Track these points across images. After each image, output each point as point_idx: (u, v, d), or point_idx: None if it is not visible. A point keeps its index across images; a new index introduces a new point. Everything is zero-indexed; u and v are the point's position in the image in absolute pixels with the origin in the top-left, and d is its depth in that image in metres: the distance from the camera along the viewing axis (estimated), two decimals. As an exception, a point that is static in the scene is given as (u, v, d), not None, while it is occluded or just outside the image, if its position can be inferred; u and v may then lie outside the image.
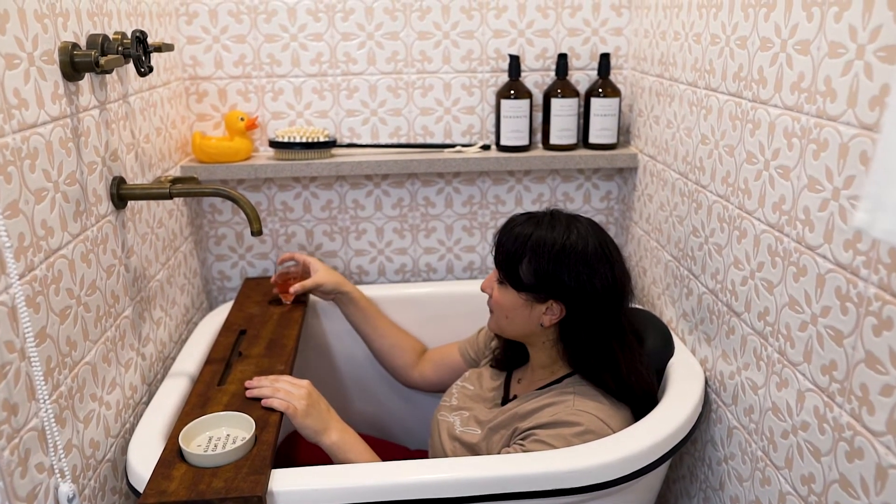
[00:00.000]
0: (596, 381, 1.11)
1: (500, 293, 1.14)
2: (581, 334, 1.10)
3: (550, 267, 1.07)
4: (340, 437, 1.11)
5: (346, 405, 1.68)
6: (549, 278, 1.08)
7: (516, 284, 1.11)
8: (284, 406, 1.08)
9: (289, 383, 1.13)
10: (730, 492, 1.13)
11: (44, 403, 0.82)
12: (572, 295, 1.08)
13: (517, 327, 1.15)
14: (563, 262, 1.07)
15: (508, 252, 1.11)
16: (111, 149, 1.10)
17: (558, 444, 1.03)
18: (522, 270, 1.09)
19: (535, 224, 1.11)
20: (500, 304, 1.14)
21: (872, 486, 0.77)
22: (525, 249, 1.09)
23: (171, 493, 0.90)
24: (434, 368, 1.46)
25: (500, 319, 1.16)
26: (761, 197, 1.01)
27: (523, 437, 1.08)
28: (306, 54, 1.56)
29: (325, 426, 1.11)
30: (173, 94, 1.47)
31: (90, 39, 1.01)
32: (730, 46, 1.10)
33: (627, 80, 1.62)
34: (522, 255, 1.09)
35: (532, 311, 1.11)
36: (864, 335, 0.78)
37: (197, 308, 1.58)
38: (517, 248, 1.10)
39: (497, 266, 1.14)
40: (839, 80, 0.82)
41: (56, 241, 0.90)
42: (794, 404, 0.93)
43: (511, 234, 1.12)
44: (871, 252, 0.77)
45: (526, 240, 1.09)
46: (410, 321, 1.63)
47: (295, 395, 1.11)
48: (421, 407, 1.61)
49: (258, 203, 1.65)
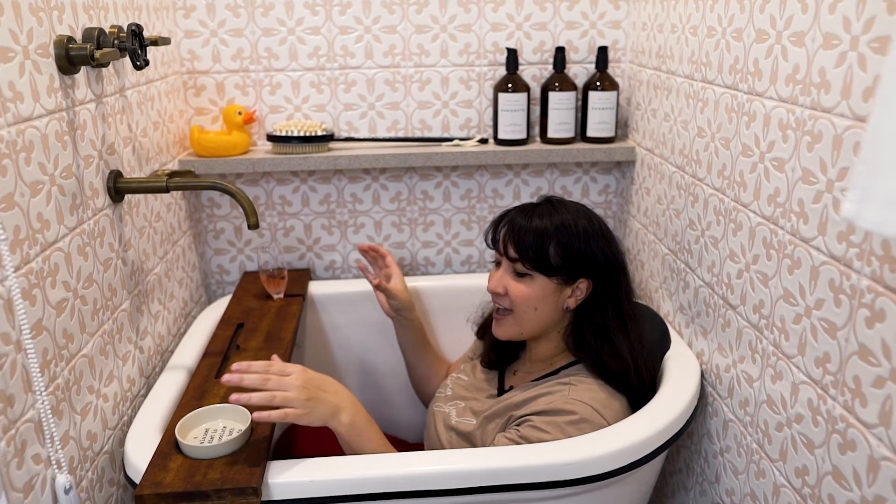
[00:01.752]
0: (599, 366, 1.12)
1: (524, 287, 1.12)
2: (596, 314, 1.13)
3: (581, 244, 1.11)
4: (351, 420, 1.02)
5: (345, 398, 1.68)
6: (580, 255, 1.11)
7: (547, 270, 1.10)
8: (282, 416, 0.95)
9: (278, 378, 0.98)
10: (725, 485, 1.14)
11: (40, 395, 0.82)
12: (600, 268, 1.12)
13: (543, 318, 1.14)
14: (590, 238, 1.12)
15: (534, 241, 1.10)
16: (108, 142, 1.11)
17: (552, 432, 1.03)
18: (551, 255, 1.10)
19: (549, 211, 1.13)
20: (527, 296, 1.12)
21: (865, 477, 0.77)
22: (550, 234, 1.10)
23: (166, 484, 0.90)
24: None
25: (525, 314, 1.13)
26: (756, 189, 1.01)
27: (518, 423, 1.08)
28: (304, 48, 1.56)
29: (334, 410, 1.01)
30: (171, 88, 1.48)
31: (86, 33, 1.02)
32: (726, 38, 1.09)
33: (625, 74, 1.61)
34: (549, 241, 1.10)
35: (560, 294, 1.13)
36: (857, 327, 0.78)
37: (195, 302, 1.59)
38: (542, 236, 1.10)
39: (521, 259, 1.11)
40: (833, 71, 0.82)
41: (52, 234, 0.91)
42: (789, 397, 0.93)
43: (528, 225, 1.11)
44: (864, 244, 0.77)
45: (548, 225, 1.11)
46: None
47: (291, 394, 0.97)
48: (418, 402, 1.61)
49: (256, 197, 1.65)
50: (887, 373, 0.73)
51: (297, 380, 0.99)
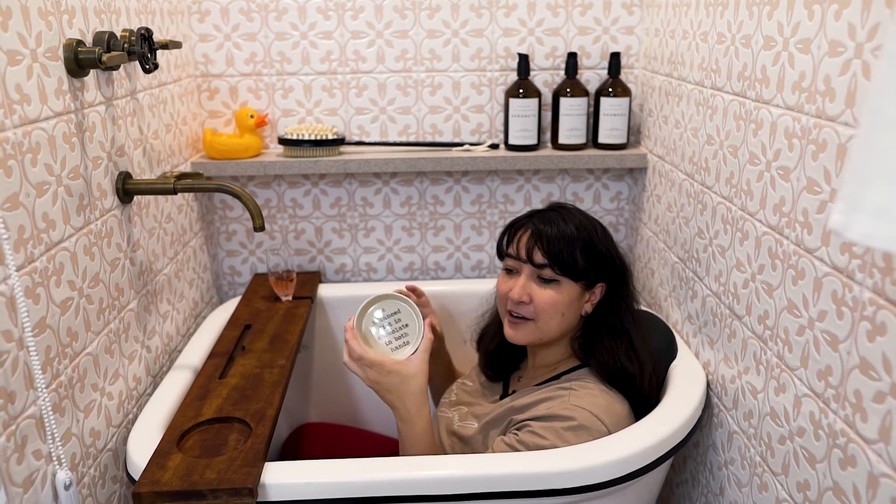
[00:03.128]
0: (612, 368, 1.11)
1: (552, 293, 1.10)
2: (612, 317, 1.14)
3: (601, 247, 1.13)
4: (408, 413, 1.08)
5: (352, 402, 1.69)
6: (601, 258, 1.12)
7: (575, 274, 1.10)
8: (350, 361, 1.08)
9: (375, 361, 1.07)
10: (729, 497, 1.12)
11: (41, 392, 0.83)
12: (615, 271, 1.14)
13: (565, 324, 1.13)
14: (607, 241, 1.15)
15: (564, 246, 1.10)
16: (118, 144, 1.12)
17: (550, 437, 1.03)
18: (578, 260, 1.10)
19: (566, 216, 1.14)
20: (555, 303, 1.10)
21: (864, 494, 0.76)
22: (576, 239, 1.11)
23: (164, 482, 0.91)
24: None
25: (550, 320, 1.11)
26: (762, 198, 0.99)
27: (518, 427, 1.08)
28: (316, 52, 1.57)
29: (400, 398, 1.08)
30: (185, 90, 1.50)
31: (96, 36, 1.03)
32: (735, 45, 1.08)
33: (638, 80, 1.60)
34: (576, 245, 1.10)
35: (582, 299, 1.13)
36: (859, 340, 0.77)
37: (206, 302, 1.60)
38: (570, 240, 1.10)
39: (550, 265, 1.09)
40: (838, 79, 0.80)
41: (58, 234, 0.92)
42: (791, 409, 0.92)
43: (554, 231, 1.11)
44: (866, 256, 0.75)
45: (573, 231, 1.11)
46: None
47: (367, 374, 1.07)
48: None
49: (268, 200, 1.67)
50: (888, 388, 0.72)
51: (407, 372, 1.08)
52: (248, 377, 1.19)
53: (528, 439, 1.04)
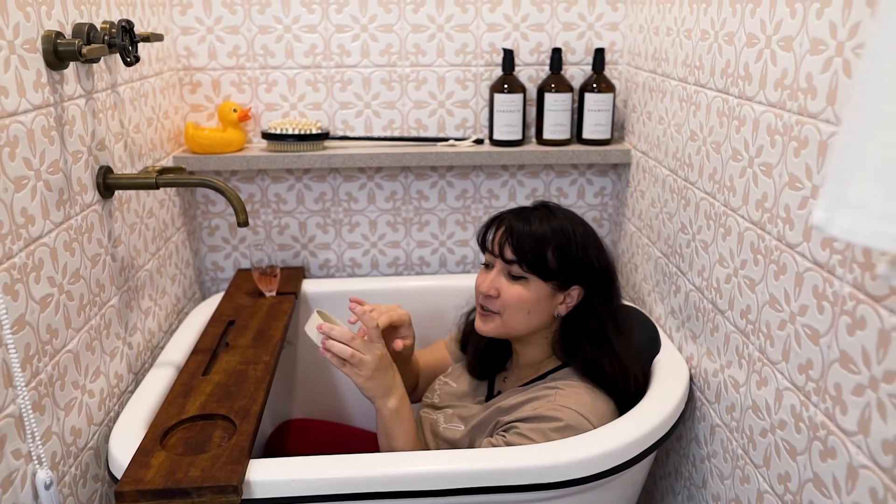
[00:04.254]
0: (593, 370, 1.11)
1: (520, 289, 1.11)
2: (591, 319, 1.13)
3: (577, 251, 1.11)
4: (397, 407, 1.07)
5: (337, 397, 1.69)
6: (576, 263, 1.11)
7: (544, 273, 1.10)
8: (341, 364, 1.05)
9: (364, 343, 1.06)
10: (712, 490, 1.13)
11: (21, 390, 0.82)
12: (594, 276, 1.12)
13: (533, 322, 1.13)
14: (587, 246, 1.12)
15: (533, 245, 1.10)
16: (98, 138, 1.11)
17: (537, 439, 1.03)
18: (549, 259, 1.10)
19: (546, 216, 1.13)
20: (521, 299, 1.11)
21: (844, 485, 0.77)
22: (549, 238, 1.10)
23: (147, 481, 0.90)
24: (427, 381, 1.40)
25: (516, 316, 1.12)
26: (745, 194, 1.00)
27: (505, 429, 1.08)
28: (300, 46, 1.56)
29: (387, 391, 1.07)
30: (166, 84, 1.48)
31: (76, 28, 1.02)
32: (718, 42, 1.09)
33: (622, 76, 1.61)
34: (547, 245, 1.10)
35: (553, 300, 1.12)
36: (839, 334, 0.78)
37: (189, 298, 1.59)
38: (541, 240, 1.10)
39: (518, 262, 1.10)
40: (819, 77, 0.81)
41: (37, 230, 0.91)
42: (773, 403, 0.93)
43: (527, 228, 1.11)
44: (846, 251, 0.76)
45: (547, 230, 1.11)
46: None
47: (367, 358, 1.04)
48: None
49: (251, 195, 1.66)
50: (867, 381, 0.73)
51: (377, 352, 1.06)
52: (232, 373, 1.18)
53: (515, 441, 1.04)
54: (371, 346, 1.06)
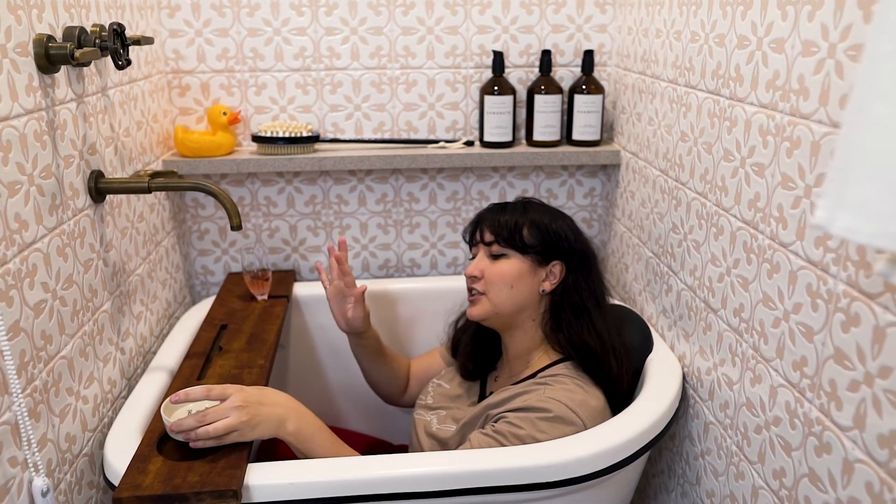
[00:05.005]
0: (578, 346, 1.14)
1: (501, 265, 1.17)
2: (573, 295, 1.16)
3: (553, 229, 1.17)
4: (297, 428, 1.03)
5: (330, 400, 1.68)
6: (554, 237, 1.17)
7: (521, 247, 1.16)
8: (218, 443, 0.97)
9: (215, 410, 0.97)
10: (706, 486, 1.14)
11: (17, 397, 0.82)
12: (573, 254, 1.18)
13: (518, 297, 1.16)
14: (559, 229, 1.18)
15: (508, 224, 1.17)
16: (89, 142, 1.10)
17: (525, 427, 1.04)
18: (525, 235, 1.17)
19: (522, 208, 1.21)
20: (502, 274, 1.16)
21: (840, 480, 0.78)
22: (523, 222, 1.17)
23: (145, 486, 0.89)
24: (419, 383, 1.42)
25: (500, 292, 1.16)
26: (737, 194, 1.01)
27: (495, 419, 1.09)
28: (289, 49, 1.55)
29: (278, 422, 1.01)
30: (155, 87, 1.47)
31: (67, 32, 1.01)
32: (709, 44, 1.10)
33: (611, 77, 1.62)
34: (522, 226, 1.17)
35: (535, 276, 1.17)
36: (834, 331, 0.79)
37: (179, 303, 1.58)
38: (515, 222, 1.17)
39: (497, 240, 1.17)
40: (812, 78, 0.83)
41: (31, 235, 0.90)
42: (767, 399, 0.94)
43: (501, 216, 1.19)
44: (840, 249, 0.78)
45: (521, 217, 1.18)
46: (394, 317, 1.63)
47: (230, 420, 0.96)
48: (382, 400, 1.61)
49: (241, 198, 1.65)
50: (862, 376, 0.74)
51: (235, 402, 0.98)
52: (227, 378, 1.18)
53: (504, 429, 1.05)
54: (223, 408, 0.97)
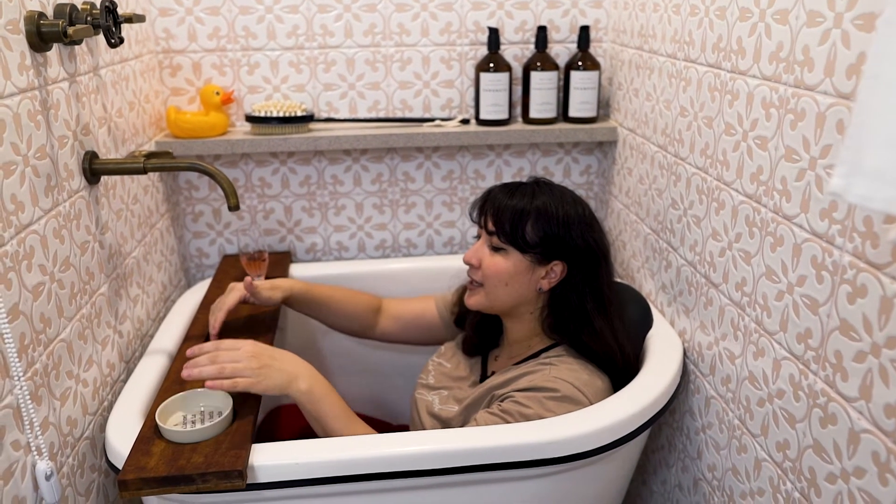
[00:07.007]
0: (577, 347, 1.12)
1: (498, 260, 1.12)
2: (573, 297, 1.13)
3: (558, 228, 1.11)
4: (309, 387, 1.04)
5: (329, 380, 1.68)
6: (557, 238, 1.11)
7: (522, 246, 1.11)
8: (233, 385, 0.99)
9: (228, 352, 1.03)
10: (707, 460, 1.15)
11: (18, 381, 0.81)
12: (578, 254, 1.12)
13: (514, 294, 1.13)
14: (570, 223, 1.11)
15: (511, 217, 1.11)
16: (82, 122, 1.08)
17: (534, 406, 1.04)
18: (528, 232, 1.10)
19: (532, 192, 1.13)
20: (499, 270, 1.12)
21: (845, 450, 0.79)
22: (529, 213, 1.11)
23: (150, 468, 0.89)
24: (401, 326, 1.40)
25: (496, 288, 1.13)
26: (739, 168, 1.01)
27: (501, 399, 1.09)
28: (282, 27, 1.53)
29: (290, 378, 1.03)
30: (146, 67, 1.44)
31: (57, 9, 0.98)
32: (709, 17, 1.09)
33: (607, 53, 1.61)
34: (527, 219, 1.11)
35: (533, 274, 1.12)
36: (839, 303, 0.79)
37: (175, 285, 1.56)
38: (520, 213, 1.11)
39: (497, 233, 1.12)
40: (817, 49, 0.82)
41: (27, 217, 0.89)
42: (770, 373, 0.94)
43: (508, 202, 1.12)
44: (846, 220, 0.78)
45: (528, 205, 1.11)
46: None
47: (241, 364, 1.01)
48: (403, 383, 1.61)
49: (235, 179, 1.63)
50: (868, 347, 0.74)
51: (248, 351, 1.03)
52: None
53: (511, 408, 1.05)
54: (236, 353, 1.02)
